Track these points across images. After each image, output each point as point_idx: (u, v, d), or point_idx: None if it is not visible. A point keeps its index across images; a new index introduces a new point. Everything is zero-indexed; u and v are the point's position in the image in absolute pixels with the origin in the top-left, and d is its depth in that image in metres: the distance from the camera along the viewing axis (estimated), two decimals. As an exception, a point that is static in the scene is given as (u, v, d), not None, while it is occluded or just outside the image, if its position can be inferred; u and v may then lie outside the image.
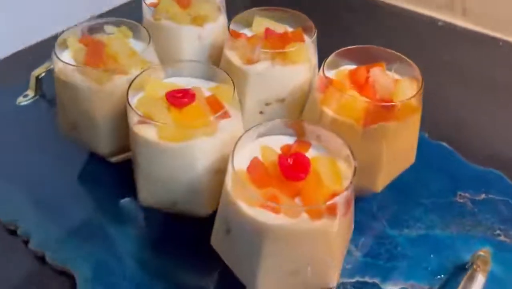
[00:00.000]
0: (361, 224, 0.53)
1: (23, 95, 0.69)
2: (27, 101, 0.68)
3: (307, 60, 0.55)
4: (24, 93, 0.69)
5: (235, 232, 0.40)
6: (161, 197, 0.48)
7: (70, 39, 0.53)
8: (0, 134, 0.64)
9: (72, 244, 0.50)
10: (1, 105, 0.68)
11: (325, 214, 0.37)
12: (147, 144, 0.44)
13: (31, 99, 0.68)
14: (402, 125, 0.48)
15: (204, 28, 0.60)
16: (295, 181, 0.39)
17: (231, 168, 0.39)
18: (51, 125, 0.63)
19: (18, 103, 0.68)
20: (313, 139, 0.44)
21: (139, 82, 0.48)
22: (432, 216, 0.54)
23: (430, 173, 0.59)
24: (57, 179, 0.58)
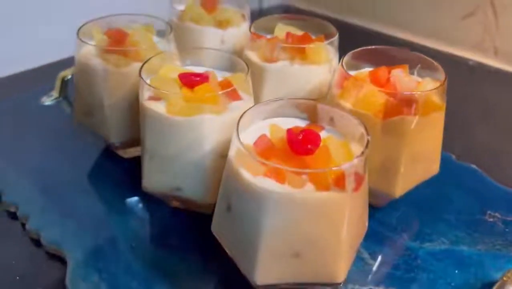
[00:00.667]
0: (378, 234, 0.49)
1: (48, 95, 0.70)
2: (51, 101, 0.69)
3: (327, 61, 0.54)
4: (49, 93, 0.70)
5: (236, 207, 0.37)
6: (165, 182, 0.46)
7: (95, 30, 0.54)
8: (20, 128, 0.65)
9: (69, 228, 0.48)
10: (26, 103, 0.69)
11: (332, 186, 0.34)
12: (155, 118, 0.43)
13: (54, 100, 0.70)
14: (423, 121, 0.45)
15: (226, 31, 0.61)
16: (302, 154, 0.36)
17: (235, 138, 0.37)
18: (69, 124, 0.64)
19: (42, 103, 0.69)
20: (326, 123, 0.42)
21: (153, 65, 0.48)
22: (458, 232, 0.50)
23: (457, 190, 0.55)
24: (67, 170, 0.57)
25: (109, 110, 0.52)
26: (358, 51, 0.51)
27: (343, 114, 0.40)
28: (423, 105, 0.45)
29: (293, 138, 0.37)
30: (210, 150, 0.43)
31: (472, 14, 0.91)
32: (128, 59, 0.51)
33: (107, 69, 0.50)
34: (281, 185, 0.34)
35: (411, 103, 0.45)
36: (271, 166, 0.34)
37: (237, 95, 0.45)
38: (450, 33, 0.94)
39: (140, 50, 0.51)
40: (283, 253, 0.36)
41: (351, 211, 0.35)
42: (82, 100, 0.54)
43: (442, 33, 0.94)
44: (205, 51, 0.51)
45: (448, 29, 0.94)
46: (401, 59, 0.51)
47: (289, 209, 0.34)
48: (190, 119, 0.42)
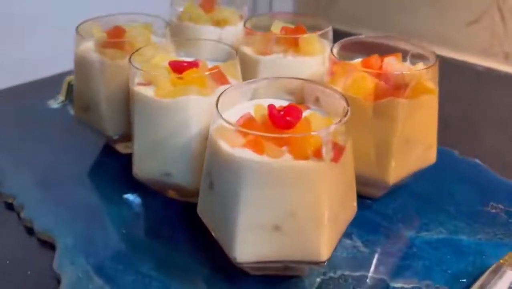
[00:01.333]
0: (373, 223, 0.48)
1: (55, 99, 0.72)
2: (57, 104, 0.71)
3: (320, 52, 0.54)
4: (56, 97, 0.72)
5: (216, 182, 0.37)
6: (154, 167, 0.46)
7: (95, 28, 0.56)
8: (25, 128, 0.66)
9: (61, 217, 0.48)
10: (33, 106, 0.71)
11: (311, 156, 0.34)
12: (143, 102, 0.44)
13: (61, 103, 0.72)
14: (414, 103, 0.44)
15: (224, 30, 0.62)
16: (283, 128, 0.36)
17: (214, 111, 0.37)
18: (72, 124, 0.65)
19: (48, 106, 0.71)
20: (312, 103, 0.41)
21: (146, 56, 0.49)
22: (457, 222, 0.48)
23: (458, 183, 0.53)
24: (66, 165, 0.58)
25: (105, 103, 0.53)
26: (349, 40, 0.51)
27: (328, 91, 0.40)
28: (413, 87, 0.44)
29: (274, 112, 0.37)
30: (197, 132, 0.43)
31: (478, 20, 0.90)
32: (124, 52, 0.52)
33: (103, 62, 0.52)
34: (259, 155, 0.34)
35: (401, 85, 0.44)
36: (247, 133, 0.34)
37: (225, 79, 0.45)
38: (457, 39, 0.93)
39: (136, 43, 0.53)
40: (263, 226, 0.35)
41: (331, 182, 0.34)
42: (80, 95, 0.55)
43: (449, 40, 0.93)
44: (196, 42, 0.52)
45: (454, 36, 0.93)
46: (393, 48, 0.51)
47: (267, 179, 0.34)
48: (176, 100, 0.42)
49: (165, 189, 0.49)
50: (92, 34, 0.56)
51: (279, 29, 0.58)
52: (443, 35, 0.94)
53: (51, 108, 0.71)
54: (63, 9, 0.82)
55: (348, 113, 0.35)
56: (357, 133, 0.45)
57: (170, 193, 0.50)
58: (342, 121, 0.35)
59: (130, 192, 0.52)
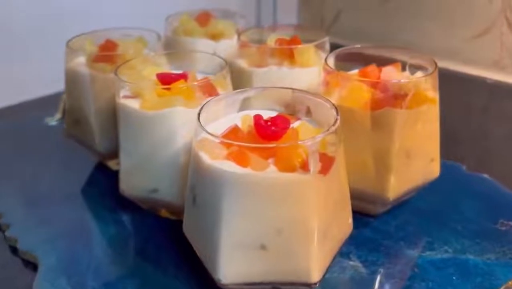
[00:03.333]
0: (372, 242, 0.45)
1: (52, 116, 0.71)
2: (54, 122, 0.71)
3: (316, 64, 0.52)
4: (53, 114, 0.72)
5: (199, 196, 0.35)
6: (141, 182, 0.44)
7: (87, 42, 0.55)
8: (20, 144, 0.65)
9: (46, 236, 0.46)
10: (30, 123, 0.71)
11: (298, 169, 0.31)
12: (129, 115, 0.42)
13: (57, 120, 0.71)
14: (414, 113, 0.42)
15: (219, 43, 0.60)
16: (269, 139, 0.34)
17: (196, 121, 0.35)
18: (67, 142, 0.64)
19: (45, 123, 0.70)
20: (303, 114, 0.39)
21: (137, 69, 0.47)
22: (464, 240, 0.44)
23: (466, 199, 0.50)
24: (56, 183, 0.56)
25: (95, 117, 0.52)
26: (344, 50, 0.49)
27: (318, 101, 0.38)
28: (412, 97, 0.42)
29: (260, 122, 0.35)
30: (183, 145, 0.41)
31: (485, 32, 0.88)
32: (114, 66, 0.51)
33: (93, 75, 0.50)
34: (243, 167, 0.32)
35: (399, 94, 0.42)
36: (230, 144, 0.32)
37: (214, 91, 0.43)
38: (464, 53, 0.90)
39: (127, 56, 0.51)
40: (248, 245, 0.32)
41: (319, 196, 0.32)
42: (71, 109, 0.54)
43: (456, 54, 0.91)
44: (187, 54, 0.51)
45: (461, 49, 0.90)
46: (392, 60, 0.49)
47: (250, 193, 0.31)
48: (162, 113, 0.41)
49: (154, 207, 0.47)
50: (84, 48, 0.55)
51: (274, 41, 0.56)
52: (450, 49, 0.92)
53: (47, 126, 0.70)
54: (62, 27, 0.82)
55: (337, 122, 0.33)
56: (354, 145, 0.43)
57: (162, 212, 0.48)
58: (330, 130, 0.32)
59: (119, 210, 0.50)
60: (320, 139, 0.31)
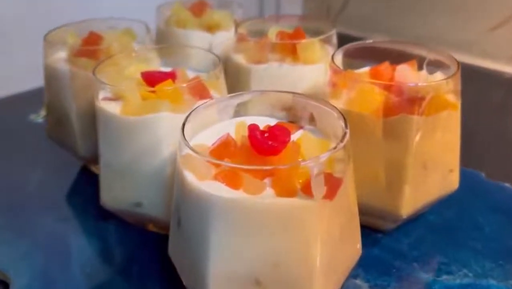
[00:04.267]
0: (383, 263, 0.40)
1: (37, 113, 0.67)
2: (39, 118, 0.66)
3: (322, 60, 0.47)
4: (38, 111, 0.67)
5: (184, 219, 0.30)
6: (123, 195, 0.39)
7: (70, 34, 0.50)
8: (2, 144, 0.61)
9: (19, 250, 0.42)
10: (14, 119, 0.66)
11: (299, 192, 0.26)
12: (107, 120, 0.37)
13: (44, 118, 0.66)
14: (433, 120, 0.37)
15: (215, 36, 0.55)
16: (266, 154, 0.29)
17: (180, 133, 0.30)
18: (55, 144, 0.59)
19: (30, 120, 0.66)
20: (306, 122, 0.34)
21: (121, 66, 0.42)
22: (485, 262, 0.40)
23: (485, 213, 0.45)
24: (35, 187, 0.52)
25: (77, 118, 0.47)
26: (354, 45, 0.44)
27: (323, 108, 0.32)
28: (431, 101, 0.37)
29: (256, 134, 0.30)
30: (169, 155, 0.36)
31: (503, 24, 0.82)
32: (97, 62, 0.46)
33: (73, 72, 0.45)
34: (234, 190, 0.27)
35: (416, 99, 0.36)
36: (214, 163, 0.27)
37: (205, 93, 0.38)
38: (481, 45, 0.84)
39: (112, 51, 0.46)
40: (240, 280, 0.28)
41: (323, 224, 0.27)
42: (51, 108, 0.49)
43: (471, 46, 0.85)
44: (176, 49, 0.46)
45: (477, 41, 0.85)
46: (407, 55, 0.43)
47: (243, 220, 0.26)
48: (144, 119, 0.36)
49: (140, 221, 0.42)
50: (65, 41, 0.50)
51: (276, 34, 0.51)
52: (465, 41, 0.86)
53: (32, 123, 0.65)
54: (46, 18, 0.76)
55: (346, 137, 0.28)
56: (363, 155, 0.38)
57: (150, 226, 0.44)
58: (338, 147, 0.27)
59: (102, 222, 0.45)
60: (326, 159, 0.26)
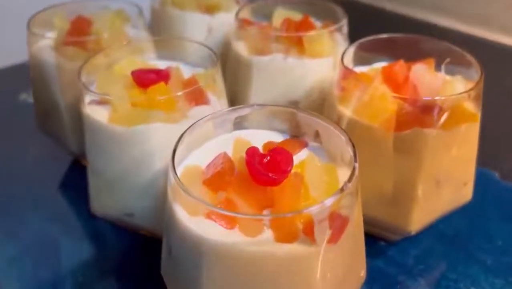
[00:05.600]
0: (387, 278, 0.38)
1: (27, 92, 0.63)
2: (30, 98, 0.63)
3: (331, 53, 0.43)
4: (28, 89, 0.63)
5: (175, 252, 0.28)
6: (113, 205, 0.37)
7: (58, 17, 0.46)
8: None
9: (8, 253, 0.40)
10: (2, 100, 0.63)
11: (301, 235, 0.24)
12: (94, 128, 0.34)
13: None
14: (449, 135, 0.34)
15: (214, 18, 0.51)
16: (266, 184, 0.26)
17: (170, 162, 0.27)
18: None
19: (19, 99, 0.63)
20: (311, 138, 0.31)
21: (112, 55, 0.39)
22: (495, 279, 0.38)
23: (495, 221, 0.43)
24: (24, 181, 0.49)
25: (66, 113, 0.44)
26: (368, 41, 0.40)
27: (331, 129, 0.29)
28: (449, 114, 0.33)
29: (254, 161, 0.27)
30: (162, 167, 0.34)
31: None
32: (87, 52, 0.42)
33: (60, 64, 0.42)
34: (229, 230, 0.24)
35: (433, 111, 0.33)
36: (202, 206, 0.24)
37: (202, 98, 0.35)
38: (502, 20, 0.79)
39: (102, 39, 0.42)
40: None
41: (326, 269, 0.25)
42: (38, 100, 0.46)
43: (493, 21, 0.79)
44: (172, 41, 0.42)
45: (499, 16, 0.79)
46: (425, 51, 0.39)
47: (239, 268, 0.24)
48: (134, 130, 0.33)
49: (133, 228, 0.40)
50: (53, 25, 0.46)
51: (281, 20, 0.46)
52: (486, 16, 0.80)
53: (21, 103, 0.62)
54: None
55: (355, 173, 0.25)
56: (371, 168, 0.35)
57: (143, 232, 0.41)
58: (345, 188, 0.24)
59: (93, 221, 0.43)
60: (332, 203, 0.24)
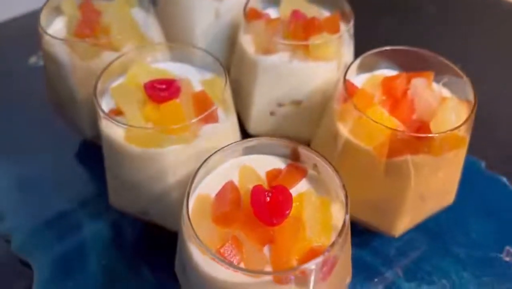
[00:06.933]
0: (369, 268, 0.44)
1: (37, 55, 0.64)
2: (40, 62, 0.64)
3: (336, 56, 0.44)
4: (38, 52, 0.64)
5: (189, 275, 0.32)
6: (130, 203, 0.41)
7: (66, 4, 0.46)
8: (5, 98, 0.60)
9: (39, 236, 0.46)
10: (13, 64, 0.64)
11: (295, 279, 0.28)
12: (112, 143, 0.37)
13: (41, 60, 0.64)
14: (439, 161, 0.37)
15: (222, 3, 0.50)
16: (268, 225, 0.30)
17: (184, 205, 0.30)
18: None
19: (32, 64, 0.64)
20: (310, 166, 0.34)
21: (120, 64, 0.40)
22: (464, 273, 0.43)
23: (475, 215, 0.47)
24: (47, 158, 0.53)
25: (81, 104, 0.46)
26: (372, 53, 0.41)
27: (326, 166, 0.32)
28: (440, 143, 0.36)
29: (258, 199, 0.30)
30: (176, 181, 0.37)
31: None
32: (97, 48, 0.43)
33: (74, 63, 0.43)
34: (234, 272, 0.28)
35: (425, 141, 0.36)
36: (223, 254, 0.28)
37: (213, 117, 0.37)
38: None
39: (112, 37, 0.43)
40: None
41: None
42: (53, 90, 0.48)
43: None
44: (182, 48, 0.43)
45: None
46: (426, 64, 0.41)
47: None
48: (148, 152, 0.36)
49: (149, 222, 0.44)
50: (63, 10, 0.47)
51: (290, 9, 0.47)
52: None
53: (34, 68, 0.63)
54: None
55: (346, 226, 0.29)
56: (363, 182, 0.39)
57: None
58: (336, 244, 0.28)
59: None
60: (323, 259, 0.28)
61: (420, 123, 0.38)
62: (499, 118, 0.59)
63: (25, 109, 0.58)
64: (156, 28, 0.47)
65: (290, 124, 0.47)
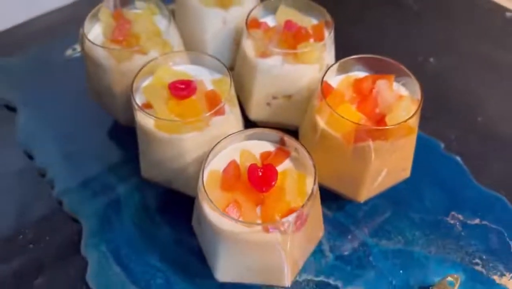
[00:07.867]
0: (342, 226, 0.55)
1: (72, 49, 0.75)
2: (77, 53, 0.74)
3: (319, 60, 0.55)
4: (73, 46, 0.75)
5: (203, 227, 0.45)
6: (158, 175, 0.54)
7: (103, 12, 0.57)
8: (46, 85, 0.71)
9: (85, 198, 0.58)
10: (50, 56, 0.74)
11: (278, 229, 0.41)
12: (145, 130, 0.49)
13: (79, 53, 0.74)
14: (394, 146, 0.48)
15: (229, 12, 0.61)
16: (260, 192, 0.42)
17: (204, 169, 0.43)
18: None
19: (66, 56, 0.74)
20: (293, 149, 0.46)
21: (149, 68, 0.52)
22: (416, 232, 0.55)
23: (429, 187, 0.59)
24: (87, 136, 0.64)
25: (115, 99, 0.57)
26: (349, 59, 0.52)
27: (303, 150, 0.44)
28: (394, 132, 0.47)
29: (253, 174, 0.43)
30: (192, 160, 0.50)
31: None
32: (129, 52, 0.55)
33: (110, 66, 0.54)
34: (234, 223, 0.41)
35: (382, 131, 0.47)
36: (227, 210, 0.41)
37: (221, 110, 0.49)
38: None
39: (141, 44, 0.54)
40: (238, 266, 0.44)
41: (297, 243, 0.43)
42: (92, 83, 0.59)
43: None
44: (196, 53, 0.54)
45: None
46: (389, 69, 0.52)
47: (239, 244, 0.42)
48: (173, 137, 0.48)
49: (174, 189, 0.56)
50: (99, 18, 0.58)
51: (285, 18, 0.57)
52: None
53: (70, 60, 0.74)
54: None
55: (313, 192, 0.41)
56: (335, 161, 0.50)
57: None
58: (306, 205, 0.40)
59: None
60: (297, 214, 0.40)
61: (380, 117, 0.49)
62: (465, 108, 0.69)
63: (66, 95, 0.69)
64: (174, 33, 0.58)
65: (282, 113, 0.59)
